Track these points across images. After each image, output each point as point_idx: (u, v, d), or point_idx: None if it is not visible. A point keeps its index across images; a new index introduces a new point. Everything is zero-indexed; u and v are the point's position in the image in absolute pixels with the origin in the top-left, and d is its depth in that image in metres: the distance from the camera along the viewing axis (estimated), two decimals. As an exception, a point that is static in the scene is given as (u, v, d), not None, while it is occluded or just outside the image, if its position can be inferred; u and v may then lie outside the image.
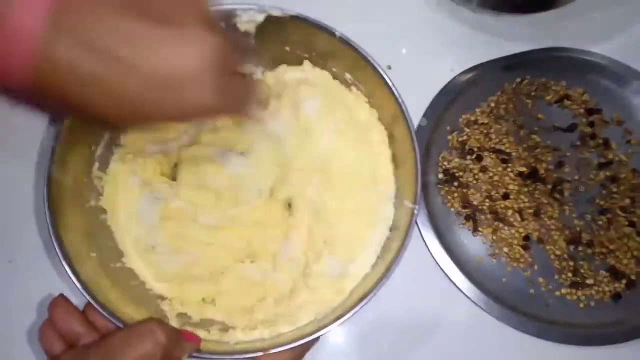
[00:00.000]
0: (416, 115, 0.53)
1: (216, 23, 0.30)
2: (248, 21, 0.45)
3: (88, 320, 0.39)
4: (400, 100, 0.44)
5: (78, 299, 0.40)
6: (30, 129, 0.51)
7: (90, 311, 0.39)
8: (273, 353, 0.39)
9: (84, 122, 0.42)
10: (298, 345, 0.40)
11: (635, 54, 0.55)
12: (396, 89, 0.44)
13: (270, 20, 0.45)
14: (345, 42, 0.45)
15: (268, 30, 0.46)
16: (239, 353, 0.40)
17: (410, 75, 0.49)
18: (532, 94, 0.54)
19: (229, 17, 0.45)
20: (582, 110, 0.54)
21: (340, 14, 0.47)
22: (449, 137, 0.53)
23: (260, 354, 0.39)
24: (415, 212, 0.43)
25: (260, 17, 0.45)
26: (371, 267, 0.46)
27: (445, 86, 0.54)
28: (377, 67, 0.44)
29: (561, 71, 0.55)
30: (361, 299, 0.40)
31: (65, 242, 0.40)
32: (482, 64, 0.55)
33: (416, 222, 0.49)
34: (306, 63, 0.49)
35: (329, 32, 0.45)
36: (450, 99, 0.54)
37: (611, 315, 0.49)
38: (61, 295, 0.40)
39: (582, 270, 0.49)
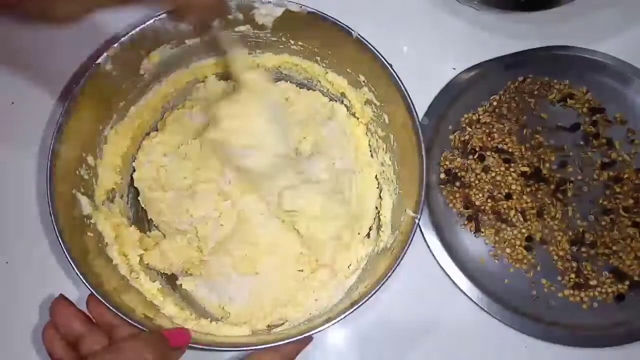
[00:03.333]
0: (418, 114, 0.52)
1: None
2: (266, 14, 0.45)
3: (89, 319, 0.39)
4: (411, 105, 0.43)
5: (80, 292, 0.40)
6: (31, 123, 0.51)
7: (92, 303, 0.39)
8: (263, 352, 0.39)
9: None
10: (289, 345, 0.39)
11: (638, 53, 0.55)
12: (408, 94, 0.43)
13: (286, 15, 0.45)
14: (360, 42, 0.44)
15: (284, 25, 0.46)
16: (228, 346, 0.40)
17: (412, 73, 0.48)
18: (535, 92, 0.54)
19: (247, 9, 0.45)
20: (585, 110, 0.53)
21: (341, 11, 0.46)
22: (451, 136, 0.53)
23: (250, 348, 0.39)
24: (417, 221, 0.42)
25: (278, 11, 0.45)
26: (365, 271, 0.46)
27: (447, 85, 0.54)
28: (393, 73, 0.44)
29: (564, 70, 0.55)
30: (354, 303, 0.40)
31: (64, 228, 0.40)
32: (484, 63, 0.55)
33: (418, 223, 0.49)
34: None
35: (345, 31, 0.44)
36: (452, 97, 0.53)
37: (614, 317, 0.48)
38: (61, 296, 0.39)
39: (585, 272, 0.49)
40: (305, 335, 0.39)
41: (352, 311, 0.39)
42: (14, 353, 0.47)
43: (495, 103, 0.53)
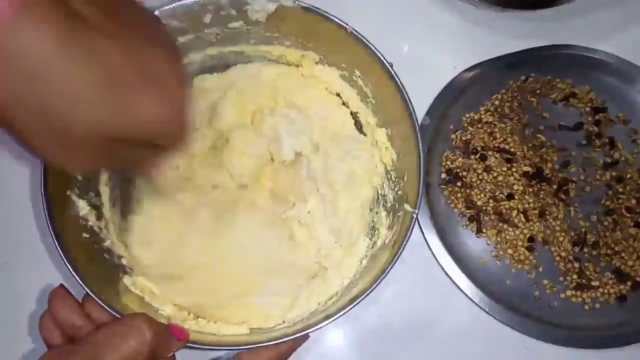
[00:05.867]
0: (418, 114, 0.52)
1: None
2: (259, 10, 0.45)
3: (86, 312, 0.38)
4: (408, 101, 0.43)
5: (75, 290, 0.40)
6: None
7: (88, 302, 0.39)
8: (257, 350, 0.39)
9: None
10: (284, 343, 0.39)
11: (641, 51, 0.55)
12: (404, 89, 0.43)
13: (280, 11, 0.45)
14: (355, 37, 0.44)
15: (277, 20, 0.45)
16: (226, 345, 0.40)
17: (413, 73, 0.48)
18: (537, 92, 0.53)
19: (240, 5, 0.44)
20: (587, 109, 0.53)
21: (341, 10, 0.46)
22: (453, 136, 0.52)
23: (247, 347, 0.39)
24: (415, 216, 0.42)
25: (272, 7, 0.44)
26: (364, 268, 0.45)
27: (449, 84, 0.53)
28: (389, 68, 0.44)
29: (566, 69, 0.54)
30: (352, 301, 0.40)
31: (60, 230, 0.40)
32: (485, 62, 0.54)
33: (418, 223, 0.49)
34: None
35: (339, 26, 0.44)
36: (454, 97, 0.53)
37: (616, 318, 0.48)
38: (61, 286, 0.39)
39: (587, 272, 0.49)
40: (304, 332, 0.39)
41: (351, 308, 0.39)
42: (13, 354, 0.47)
43: (497, 102, 0.53)
